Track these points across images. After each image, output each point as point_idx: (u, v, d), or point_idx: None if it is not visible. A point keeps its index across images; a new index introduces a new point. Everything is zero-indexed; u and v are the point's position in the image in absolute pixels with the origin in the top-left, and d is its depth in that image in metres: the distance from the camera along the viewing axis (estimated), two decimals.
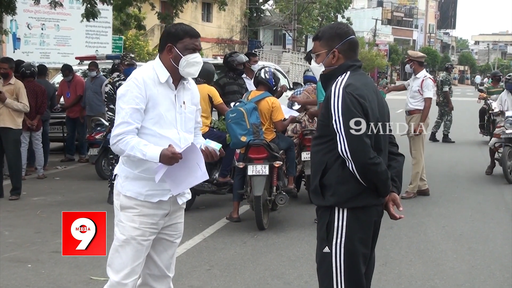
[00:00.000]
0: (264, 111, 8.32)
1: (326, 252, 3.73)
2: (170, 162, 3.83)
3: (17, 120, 9.89)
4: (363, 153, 3.58)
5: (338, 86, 3.67)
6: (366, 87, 3.74)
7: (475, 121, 18.50)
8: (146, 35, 33.95)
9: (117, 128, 3.94)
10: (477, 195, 10.71)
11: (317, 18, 57.94)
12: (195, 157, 3.95)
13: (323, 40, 3.85)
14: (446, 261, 6.97)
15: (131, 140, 3.88)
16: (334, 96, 3.64)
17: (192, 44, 4.05)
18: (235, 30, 49.34)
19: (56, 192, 10.45)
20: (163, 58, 4.09)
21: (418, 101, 10.29)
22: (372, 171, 3.61)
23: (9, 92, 9.80)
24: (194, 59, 4.06)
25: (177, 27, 4.11)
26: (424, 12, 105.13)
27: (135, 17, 19.77)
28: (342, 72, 3.77)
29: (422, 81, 10.35)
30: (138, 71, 4.08)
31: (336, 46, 3.81)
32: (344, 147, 3.60)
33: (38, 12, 20.94)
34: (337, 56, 3.81)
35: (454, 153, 16.14)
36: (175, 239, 4.26)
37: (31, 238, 7.64)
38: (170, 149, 3.82)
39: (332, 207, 3.70)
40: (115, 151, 4.01)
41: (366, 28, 79.01)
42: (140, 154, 3.85)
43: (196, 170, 3.97)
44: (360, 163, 3.58)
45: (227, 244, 7.49)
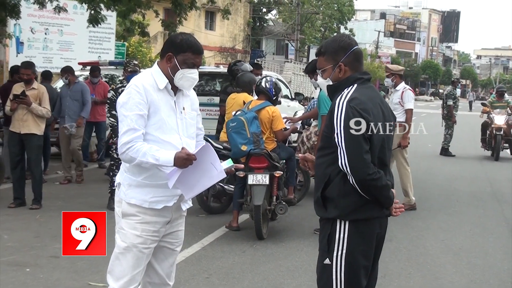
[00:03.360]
0: (265, 120, 8.33)
1: (326, 263, 3.72)
2: (185, 164, 3.80)
3: (41, 125, 9.63)
4: (362, 169, 3.56)
5: (343, 99, 3.65)
6: (372, 101, 3.72)
7: (476, 135, 18.52)
8: (149, 42, 34.01)
9: (123, 136, 3.90)
10: (477, 209, 10.70)
11: (320, 28, 58.11)
12: (209, 158, 3.92)
13: (327, 54, 3.82)
14: (445, 274, 6.95)
15: (142, 147, 3.86)
16: (337, 109, 3.63)
17: (192, 59, 4.03)
18: (238, 39, 49.45)
19: (56, 197, 10.44)
20: (162, 65, 4.07)
21: (399, 113, 10.12)
22: (372, 186, 3.61)
23: (33, 97, 9.52)
24: (190, 75, 4.03)
25: (183, 38, 4.06)
26: (427, 25, 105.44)
27: (139, 24, 19.78)
28: (349, 85, 3.74)
29: (402, 93, 10.32)
30: (136, 78, 4.06)
31: (341, 59, 3.77)
32: (344, 161, 3.59)
33: (42, 17, 20.97)
34: (343, 69, 3.78)
35: (454, 167, 16.13)
36: (176, 247, 4.25)
37: (30, 243, 7.63)
38: (184, 151, 3.81)
39: (334, 219, 3.70)
40: (124, 160, 3.98)
41: (368, 40, 79.20)
42: (153, 160, 3.83)
43: (211, 170, 3.94)
44: (359, 178, 3.57)
45: (226, 253, 7.48)
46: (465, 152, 19.32)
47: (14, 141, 9.65)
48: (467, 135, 23.93)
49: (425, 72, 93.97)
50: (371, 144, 3.62)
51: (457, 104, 18.86)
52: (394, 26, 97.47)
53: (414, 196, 10.31)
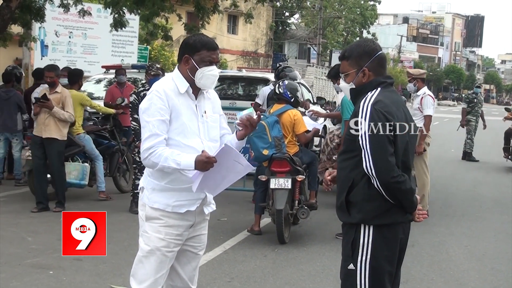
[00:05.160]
0: (286, 124, 8.32)
1: (351, 269, 3.71)
2: (205, 167, 3.81)
3: (63, 130, 9.54)
4: (387, 171, 3.56)
5: (367, 102, 3.65)
6: (396, 105, 3.72)
7: (500, 140, 18.33)
8: (171, 46, 34.13)
9: (146, 141, 3.93)
10: (501, 215, 10.60)
11: (342, 33, 58.08)
12: (231, 157, 3.93)
13: (352, 59, 3.81)
14: (468, 280, 6.90)
15: (163, 152, 3.88)
16: (362, 112, 3.63)
17: (209, 56, 4.04)
18: (260, 43, 49.48)
19: (79, 199, 10.48)
20: (181, 68, 4.10)
21: (419, 119, 9.86)
22: (396, 189, 3.60)
23: (56, 101, 9.46)
24: (210, 72, 4.04)
25: (195, 39, 4.10)
26: (450, 29, 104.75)
27: (162, 28, 19.89)
28: (373, 88, 3.74)
29: (422, 99, 10.06)
30: (158, 83, 4.09)
31: (366, 64, 3.77)
32: (369, 164, 3.58)
33: (66, 20, 21.20)
34: (368, 74, 3.78)
35: (478, 172, 16.01)
36: (199, 251, 4.26)
37: (54, 245, 7.67)
38: (204, 154, 3.82)
39: (358, 224, 3.68)
40: (147, 166, 4.01)
41: (391, 44, 78.94)
42: (174, 164, 3.85)
43: (236, 166, 3.95)
44: (384, 181, 3.56)
45: (247, 257, 7.48)
46: (489, 158, 19.16)
47: (37, 145, 9.62)
48: (491, 140, 23.73)
49: (448, 77, 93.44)
50: (395, 147, 3.61)
51: (475, 109, 18.51)
52: (417, 31, 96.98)
53: (438, 201, 10.23)
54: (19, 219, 9.00)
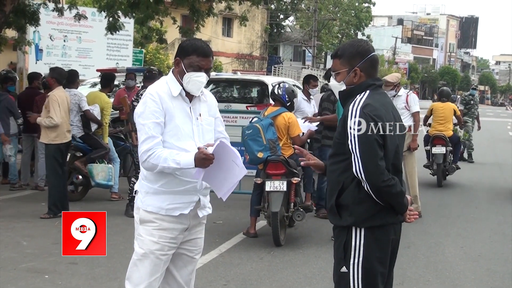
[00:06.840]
0: (281, 127, 8.33)
1: (343, 271, 3.71)
2: (205, 164, 3.83)
3: (50, 135, 9.39)
4: (377, 175, 3.56)
5: (356, 105, 3.65)
6: (385, 107, 3.72)
7: (495, 141, 18.36)
8: (166, 49, 34.13)
9: (143, 144, 3.94)
10: (496, 216, 10.62)
11: (337, 35, 58.12)
12: (229, 155, 3.95)
13: (344, 58, 3.81)
14: (464, 282, 6.91)
15: (162, 153, 3.89)
16: (351, 115, 3.63)
17: (197, 62, 4.04)
18: (255, 46, 49.50)
19: (74, 204, 10.44)
20: (174, 71, 4.13)
21: (406, 117, 9.97)
22: (387, 193, 3.60)
23: (45, 105, 9.48)
24: (196, 78, 4.04)
25: (189, 43, 4.12)
26: (445, 31, 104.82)
27: (157, 31, 19.89)
28: (362, 91, 3.74)
29: (407, 97, 10.22)
30: (152, 87, 4.11)
31: (358, 64, 3.77)
32: (359, 168, 3.59)
33: (61, 24, 21.18)
34: (359, 74, 3.77)
35: (474, 173, 16.03)
36: (195, 255, 4.27)
37: (49, 249, 7.67)
38: (200, 151, 3.84)
39: (349, 226, 3.69)
40: (146, 168, 4.01)
41: (386, 46, 78.97)
42: (174, 164, 3.86)
43: (234, 167, 3.98)
44: (374, 185, 3.57)
45: (243, 260, 7.48)
46: (484, 159, 19.18)
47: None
48: (486, 141, 23.76)
49: (443, 78, 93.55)
50: (385, 150, 3.62)
51: (471, 110, 18.50)
52: (412, 32, 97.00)
53: (433, 201, 10.24)
54: (14, 224, 8.99)
